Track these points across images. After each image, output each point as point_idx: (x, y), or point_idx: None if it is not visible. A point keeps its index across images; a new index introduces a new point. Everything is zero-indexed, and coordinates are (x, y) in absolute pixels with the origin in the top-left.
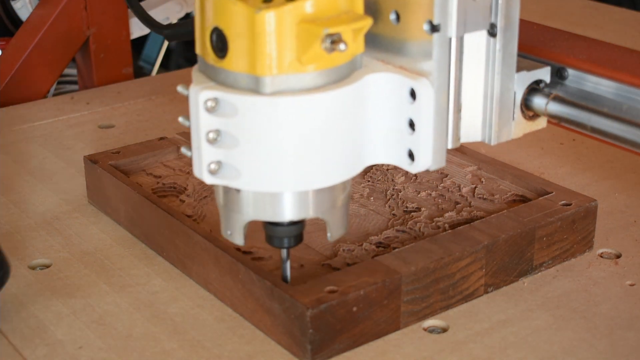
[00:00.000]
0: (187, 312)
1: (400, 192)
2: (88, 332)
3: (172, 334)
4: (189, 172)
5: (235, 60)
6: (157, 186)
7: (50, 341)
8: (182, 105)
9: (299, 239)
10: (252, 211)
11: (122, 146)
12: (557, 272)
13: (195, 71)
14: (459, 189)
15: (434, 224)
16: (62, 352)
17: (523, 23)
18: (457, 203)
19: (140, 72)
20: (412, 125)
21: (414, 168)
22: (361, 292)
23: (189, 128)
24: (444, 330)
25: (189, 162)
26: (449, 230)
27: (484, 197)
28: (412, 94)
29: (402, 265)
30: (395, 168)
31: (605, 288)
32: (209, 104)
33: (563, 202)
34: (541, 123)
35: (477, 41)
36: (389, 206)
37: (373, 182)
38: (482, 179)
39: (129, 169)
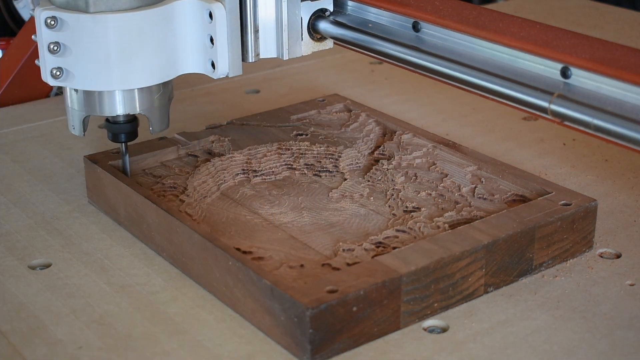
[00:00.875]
0: (187, 312)
1: (400, 192)
2: (88, 332)
3: (172, 334)
4: (189, 172)
5: None
6: (157, 186)
7: (50, 341)
8: (182, 105)
9: (133, 135)
10: (89, 108)
11: None
12: (557, 272)
13: None
14: (459, 188)
15: (433, 223)
16: (62, 352)
17: (525, 22)
18: (457, 203)
19: None
20: (212, 40)
21: (215, 74)
22: (361, 292)
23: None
24: (444, 330)
25: (189, 162)
26: (449, 230)
27: (484, 197)
28: (211, 16)
29: (402, 265)
30: (395, 168)
31: (605, 288)
32: (49, 21)
33: (563, 202)
34: (328, 44)
35: None
36: (389, 206)
37: (373, 182)
38: (482, 179)
39: (129, 169)
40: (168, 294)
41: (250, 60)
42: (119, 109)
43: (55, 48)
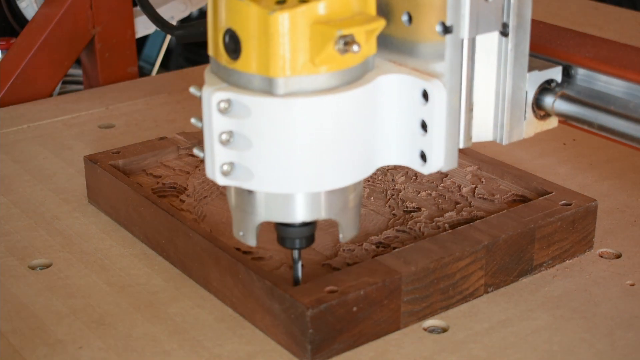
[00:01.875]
0: (187, 312)
1: (400, 192)
2: (88, 332)
3: (172, 334)
4: (189, 172)
5: (249, 62)
6: (157, 186)
7: (50, 341)
8: (182, 105)
9: (310, 239)
10: (264, 212)
11: (122, 146)
12: (557, 272)
13: (207, 72)
14: (459, 189)
15: (434, 224)
16: (62, 352)
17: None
18: (457, 203)
19: (140, 72)
20: (424, 126)
21: (426, 169)
22: (361, 292)
23: (201, 129)
24: (444, 330)
25: (189, 162)
26: (449, 230)
27: (484, 197)
28: (425, 96)
29: (402, 265)
30: (395, 168)
31: (605, 288)
32: (222, 105)
33: (563, 202)
34: (552, 122)
35: (489, 41)
36: (389, 206)
37: (373, 182)
38: (482, 179)
39: (128, 169)
40: (168, 294)
41: (461, 146)
42: (302, 216)
43: (228, 138)
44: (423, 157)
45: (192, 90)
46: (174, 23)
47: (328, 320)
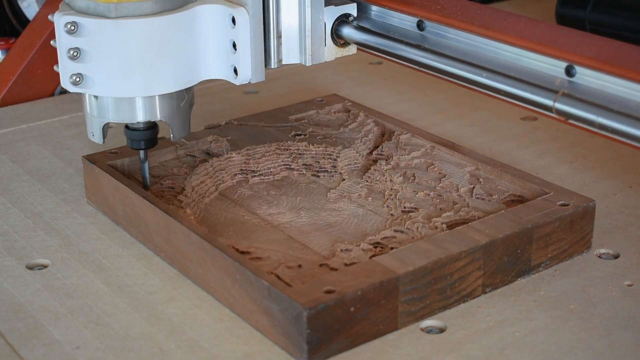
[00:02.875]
0: (184, 312)
1: (398, 192)
2: (86, 332)
3: (169, 334)
4: (187, 172)
5: None
6: (156, 186)
7: (48, 341)
8: None
9: (153, 142)
10: (110, 114)
11: (121, 146)
12: (555, 273)
13: (62, 3)
14: (457, 189)
15: (431, 224)
16: (60, 352)
17: (530, 21)
18: (455, 203)
19: None
20: (234, 46)
21: (237, 81)
22: (359, 292)
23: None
24: (442, 330)
25: (187, 162)
26: (447, 231)
27: (482, 197)
28: (234, 21)
29: (400, 265)
30: (394, 168)
31: (603, 288)
32: (69, 27)
33: (561, 202)
34: (351, 50)
35: None
36: (387, 206)
37: (371, 183)
38: (480, 179)
39: (127, 169)
40: (166, 294)
41: (272, 67)
42: (140, 116)
43: (75, 54)
44: (235, 71)
45: (49, 17)
46: None
47: (325, 320)
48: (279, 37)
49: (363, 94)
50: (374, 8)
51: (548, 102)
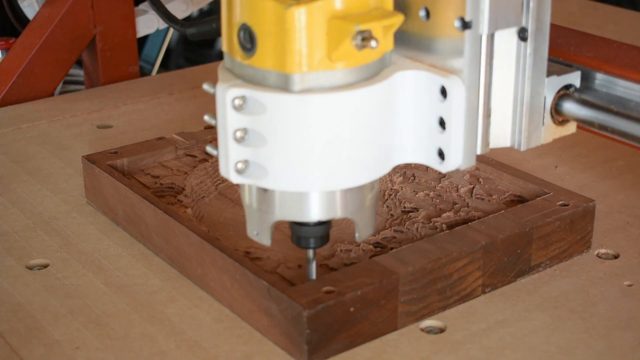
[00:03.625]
0: (184, 313)
1: (398, 192)
2: (85, 332)
3: (169, 334)
4: (187, 173)
5: (264, 58)
6: (155, 186)
7: (48, 341)
8: (181, 105)
9: (325, 239)
10: (279, 211)
11: (121, 146)
12: (555, 273)
13: (221, 68)
14: (457, 189)
15: (431, 224)
16: (59, 352)
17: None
18: (454, 203)
19: (140, 72)
20: (442, 123)
21: (444, 167)
22: (358, 292)
23: (215, 127)
24: (442, 330)
25: (187, 162)
26: (447, 231)
27: (482, 197)
28: (443, 92)
29: (400, 265)
30: (393, 168)
31: (603, 288)
32: (237, 102)
33: (561, 202)
34: (571, 128)
35: (507, 45)
36: (387, 206)
37: None
38: (480, 179)
39: (127, 169)
40: (166, 294)
41: (478, 152)
42: (317, 214)
43: (243, 136)
44: (441, 154)
45: (206, 86)
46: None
47: (325, 320)
48: (488, 116)
49: None
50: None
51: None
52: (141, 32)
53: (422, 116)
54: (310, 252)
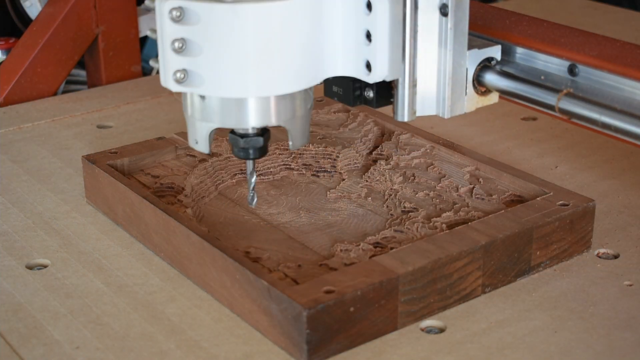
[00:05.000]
0: (184, 312)
1: (398, 192)
2: (85, 332)
3: (169, 334)
4: (187, 172)
5: None
6: (155, 186)
7: (48, 341)
8: (181, 105)
9: (263, 150)
10: (217, 118)
11: (121, 146)
12: (555, 272)
13: None
14: (457, 189)
15: (431, 224)
16: (59, 352)
17: (533, 20)
18: (454, 203)
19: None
20: (368, 36)
21: (370, 78)
22: (358, 292)
23: (156, 39)
24: (442, 330)
25: (187, 162)
26: (447, 231)
27: (482, 197)
28: (369, 6)
29: (400, 265)
30: (393, 168)
31: (603, 288)
32: (174, 13)
33: (561, 202)
34: (493, 98)
35: (430, 19)
36: (387, 206)
37: (371, 183)
38: (480, 179)
39: (127, 169)
40: (166, 294)
41: (405, 119)
42: (253, 121)
43: (181, 46)
44: (368, 66)
45: (147, 2)
46: None
47: (325, 320)
48: (414, 86)
49: None
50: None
51: (551, 101)
52: (144, 31)
53: (349, 29)
54: (250, 164)
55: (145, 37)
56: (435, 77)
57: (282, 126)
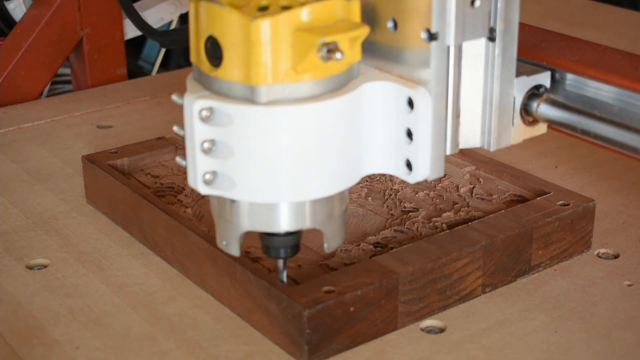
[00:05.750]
0: (184, 312)
1: (398, 192)
2: (85, 332)
3: (169, 334)
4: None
5: (230, 69)
6: (155, 186)
7: (48, 341)
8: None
9: (295, 249)
10: (247, 222)
11: (121, 146)
12: (555, 272)
13: (189, 79)
14: (457, 189)
15: (431, 224)
16: (59, 352)
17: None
18: (455, 203)
19: (140, 72)
20: (409, 134)
21: (412, 178)
22: (358, 292)
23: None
24: (442, 330)
25: None
26: (447, 231)
27: (482, 197)
28: (410, 103)
29: (400, 265)
30: None
31: (603, 288)
32: (204, 113)
33: (561, 202)
34: (541, 128)
35: (476, 46)
36: (387, 206)
37: (371, 182)
38: (480, 179)
39: (127, 169)
40: (166, 294)
41: (448, 152)
42: (286, 225)
43: (210, 147)
44: (409, 165)
45: (174, 98)
46: (163, 24)
47: (325, 320)
48: (457, 117)
49: None
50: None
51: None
52: (129, 34)
53: (389, 127)
54: (281, 262)
55: (145, 37)
56: (481, 106)
57: (317, 228)
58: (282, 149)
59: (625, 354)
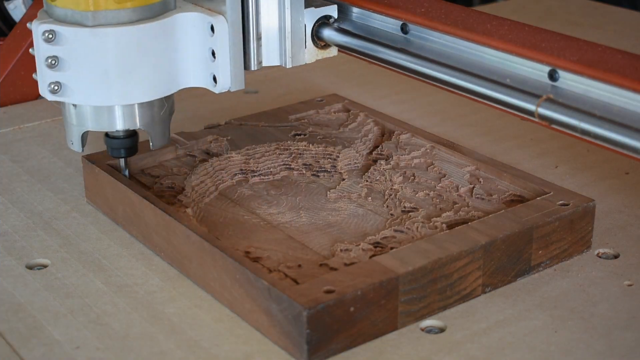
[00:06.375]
0: (184, 312)
1: (398, 192)
2: (85, 332)
3: (169, 334)
4: (187, 172)
5: (65, 0)
6: (155, 186)
7: (48, 341)
8: (181, 104)
9: (132, 150)
10: (88, 122)
11: None
12: (555, 272)
13: (40, 11)
14: (457, 189)
15: (431, 224)
16: (60, 352)
17: (514, 24)
18: (455, 203)
19: None
20: (213, 54)
21: (216, 89)
22: (358, 292)
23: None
24: (442, 330)
25: (187, 162)
26: (447, 231)
27: (482, 197)
28: (212, 29)
29: (400, 265)
30: (393, 168)
31: (603, 288)
32: (47, 35)
33: (561, 202)
34: (332, 52)
35: None
36: (387, 206)
37: (371, 183)
38: (480, 179)
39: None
40: (166, 294)
41: (252, 68)
42: (119, 124)
43: (53, 62)
44: (214, 79)
45: (28, 24)
46: None
47: (325, 320)
48: (258, 39)
49: (363, 94)
50: (355, 10)
51: (531, 106)
52: None
53: (198, 48)
54: (122, 161)
55: None
56: (277, 31)
57: (143, 128)
58: (108, 63)
59: (625, 354)
